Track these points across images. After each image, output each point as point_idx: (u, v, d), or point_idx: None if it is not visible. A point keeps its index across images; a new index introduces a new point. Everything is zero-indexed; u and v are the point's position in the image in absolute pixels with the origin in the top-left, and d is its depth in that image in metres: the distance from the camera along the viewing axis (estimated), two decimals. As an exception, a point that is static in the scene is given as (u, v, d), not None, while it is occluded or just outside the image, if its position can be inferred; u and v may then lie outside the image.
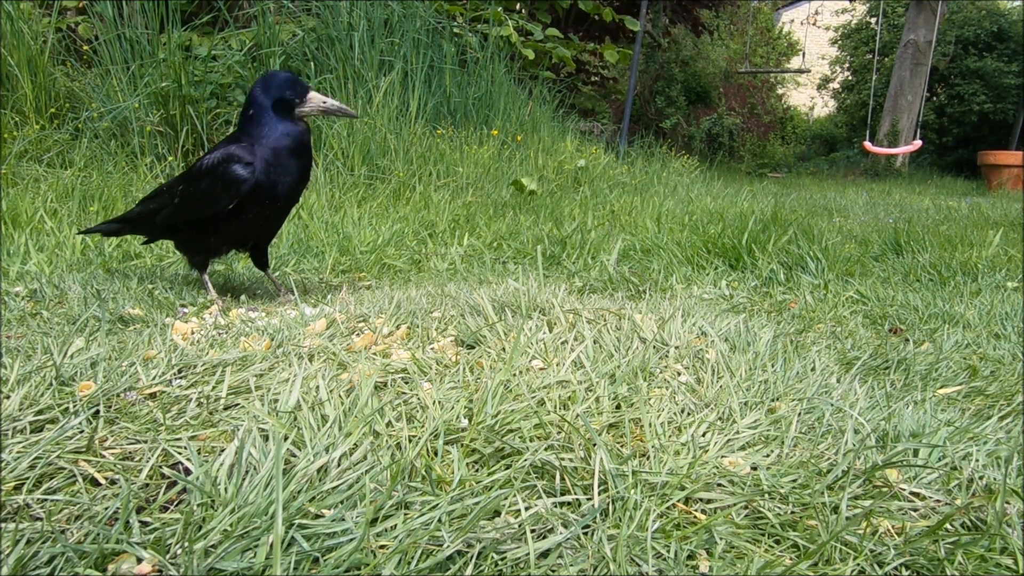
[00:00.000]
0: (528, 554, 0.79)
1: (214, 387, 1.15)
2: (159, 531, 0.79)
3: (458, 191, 4.41)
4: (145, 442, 0.97)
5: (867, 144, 10.10)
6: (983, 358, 1.75)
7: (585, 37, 9.71)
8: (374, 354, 1.32)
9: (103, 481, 0.90)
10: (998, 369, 1.66)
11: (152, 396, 1.12)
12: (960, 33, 14.14)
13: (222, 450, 0.94)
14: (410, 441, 0.99)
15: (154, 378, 1.16)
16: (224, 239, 1.83)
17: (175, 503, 0.86)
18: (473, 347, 1.40)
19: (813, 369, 1.42)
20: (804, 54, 15.38)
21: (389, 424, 1.04)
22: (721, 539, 0.85)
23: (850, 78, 17.55)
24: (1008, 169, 9.79)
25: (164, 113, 4.20)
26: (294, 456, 0.94)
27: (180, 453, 0.95)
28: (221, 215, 1.74)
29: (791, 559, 0.83)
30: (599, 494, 0.90)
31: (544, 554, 0.81)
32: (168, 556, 0.75)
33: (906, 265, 2.99)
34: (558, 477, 0.94)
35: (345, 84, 4.79)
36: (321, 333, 1.49)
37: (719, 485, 0.94)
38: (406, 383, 1.20)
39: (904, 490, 0.97)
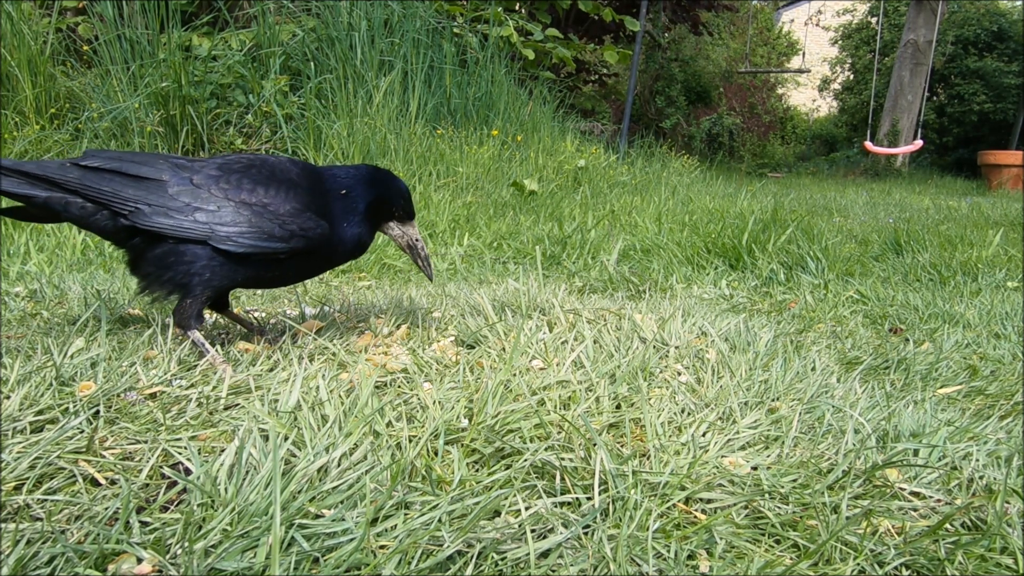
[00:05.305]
0: (528, 554, 0.79)
1: (214, 387, 1.15)
2: (159, 531, 0.79)
3: (458, 191, 4.41)
4: (145, 442, 0.97)
5: (867, 144, 10.12)
6: (983, 358, 1.75)
7: (585, 37, 9.71)
8: (374, 354, 1.32)
9: (103, 481, 0.90)
10: (998, 369, 1.66)
11: (152, 396, 1.12)
12: (960, 33, 14.14)
13: (222, 450, 0.94)
14: (410, 441, 0.99)
15: (154, 378, 1.16)
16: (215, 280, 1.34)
17: (175, 503, 0.86)
18: (473, 347, 1.40)
19: (813, 369, 1.42)
20: (804, 54, 15.39)
21: (389, 424, 1.04)
22: (721, 539, 0.85)
23: (850, 78, 17.56)
24: (1008, 169, 9.81)
25: (164, 113, 4.20)
26: (294, 456, 0.94)
27: (180, 453, 0.95)
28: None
29: (791, 559, 0.83)
30: (599, 494, 0.90)
31: (544, 554, 0.81)
32: (168, 556, 0.75)
33: (906, 265, 2.99)
34: (558, 477, 0.94)
35: (345, 84, 4.79)
36: (321, 333, 1.49)
37: (719, 485, 0.94)
38: (407, 383, 1.20)
39: (904, 490, 0.97)
